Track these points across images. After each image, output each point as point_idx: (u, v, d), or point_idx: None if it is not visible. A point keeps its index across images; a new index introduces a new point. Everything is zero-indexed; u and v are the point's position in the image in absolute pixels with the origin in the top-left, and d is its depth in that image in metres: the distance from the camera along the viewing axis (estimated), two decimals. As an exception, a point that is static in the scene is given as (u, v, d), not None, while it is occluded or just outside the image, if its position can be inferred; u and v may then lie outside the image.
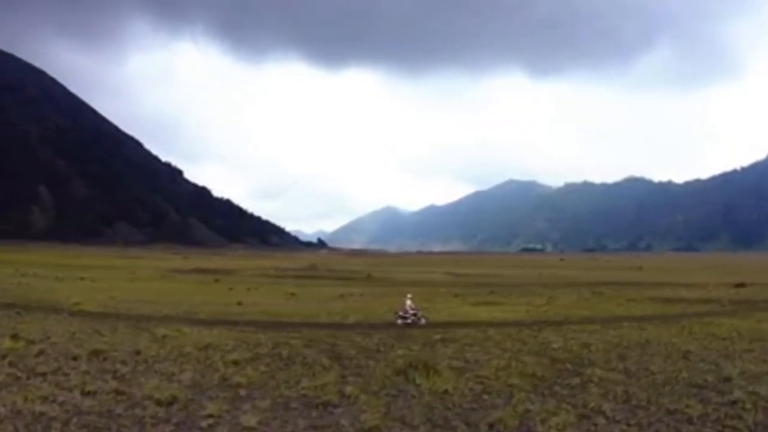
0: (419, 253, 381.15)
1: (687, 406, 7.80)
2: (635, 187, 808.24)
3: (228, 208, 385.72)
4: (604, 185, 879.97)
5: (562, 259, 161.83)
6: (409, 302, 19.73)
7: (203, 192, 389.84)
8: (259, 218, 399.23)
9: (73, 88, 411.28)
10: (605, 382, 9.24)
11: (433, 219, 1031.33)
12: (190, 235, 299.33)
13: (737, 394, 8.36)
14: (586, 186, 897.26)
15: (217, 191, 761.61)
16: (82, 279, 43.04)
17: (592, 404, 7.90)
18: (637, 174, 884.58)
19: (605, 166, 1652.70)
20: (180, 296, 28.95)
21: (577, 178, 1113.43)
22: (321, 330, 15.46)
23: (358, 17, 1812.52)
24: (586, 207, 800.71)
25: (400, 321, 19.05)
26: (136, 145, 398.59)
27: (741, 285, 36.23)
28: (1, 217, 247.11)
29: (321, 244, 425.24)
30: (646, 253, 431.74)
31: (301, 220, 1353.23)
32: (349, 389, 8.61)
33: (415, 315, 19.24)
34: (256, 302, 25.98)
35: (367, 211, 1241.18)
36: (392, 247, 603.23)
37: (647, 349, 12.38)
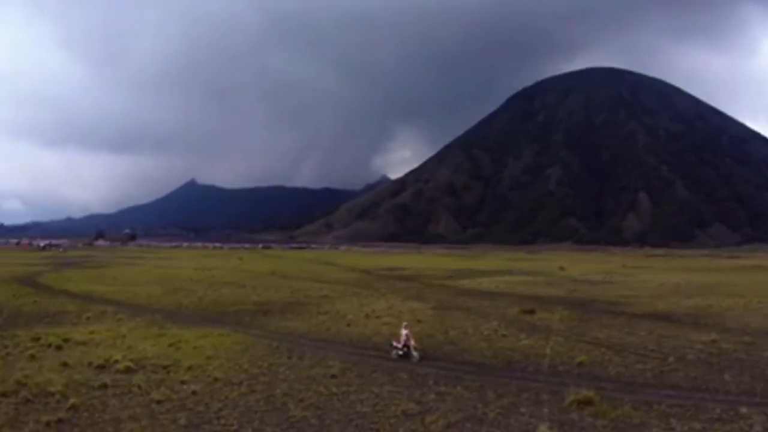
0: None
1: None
2: None
3: None
4: None
5: None
6: (405, 331, 17.89)
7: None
8: None
9: (697, 93, 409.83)
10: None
11: None
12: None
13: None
14: None
15: None
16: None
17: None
18: None
19: None
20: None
21: None
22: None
23: None
24: None
25: (394, 353, 17.61)
26: (762, 141, 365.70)
27: None
28: (597, 223, 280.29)
29: None
30: None
31: None
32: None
33: (406, 347, 17.54)
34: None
35: None
36: None
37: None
